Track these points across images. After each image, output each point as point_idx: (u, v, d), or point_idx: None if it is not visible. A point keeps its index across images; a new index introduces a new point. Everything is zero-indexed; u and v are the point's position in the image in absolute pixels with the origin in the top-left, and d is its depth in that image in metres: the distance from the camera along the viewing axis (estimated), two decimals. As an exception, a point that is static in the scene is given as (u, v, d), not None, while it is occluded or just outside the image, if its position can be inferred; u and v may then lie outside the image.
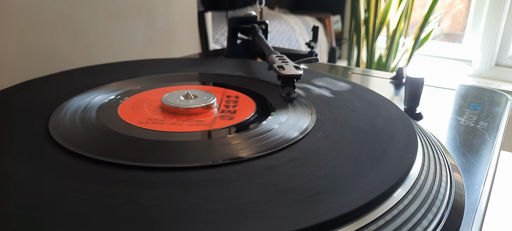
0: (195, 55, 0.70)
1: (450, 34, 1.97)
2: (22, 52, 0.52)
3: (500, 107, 0.46)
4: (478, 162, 0.33)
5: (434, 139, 0.35)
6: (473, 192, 0.28)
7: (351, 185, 0.23)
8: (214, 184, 0.23)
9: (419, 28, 1.53)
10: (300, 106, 0.35)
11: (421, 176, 0.26)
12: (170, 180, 0.23)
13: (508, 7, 1.68)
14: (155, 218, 0.20)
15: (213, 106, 0.35)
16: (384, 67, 1.65)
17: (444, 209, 0.25)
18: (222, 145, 0.28)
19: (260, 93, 0.39)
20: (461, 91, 0.51)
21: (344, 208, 0.21)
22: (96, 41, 0.61)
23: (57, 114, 0.32)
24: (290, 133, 0.30)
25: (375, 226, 0.21)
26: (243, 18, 0.59)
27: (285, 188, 0.23)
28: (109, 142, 0.28)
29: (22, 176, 0.24)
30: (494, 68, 1.79)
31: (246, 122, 0.32)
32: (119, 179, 0.23)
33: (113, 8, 0.63)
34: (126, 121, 0.32)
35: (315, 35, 0.59)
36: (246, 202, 0.21)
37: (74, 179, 0.23)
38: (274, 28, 1.58)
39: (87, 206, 0.21)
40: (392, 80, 0.55)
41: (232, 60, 0.54)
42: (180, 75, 0.45)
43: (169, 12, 0.73)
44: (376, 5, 1.58)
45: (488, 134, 0.38)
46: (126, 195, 0.22)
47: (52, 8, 0.54)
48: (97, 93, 0.38)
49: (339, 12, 2.05)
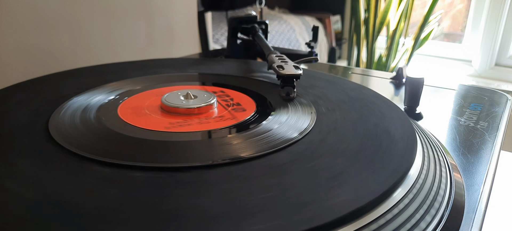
0: (195, 55, 0.70)
1: (450, 34, 1.97)
2: (22, 51, 0.52)
3: (500, 107, 0.46)
4: (478, 162, 0.33)
5: (434, 139, 0.35)
6: (473, 192, 0.28)
7: (351, 184, 0.23)
8: (214, 184, 0.23)
9: (419, 28, 1.53)
10: (300, 106, 0.35)
11: (421, 176, 0.26)
12: (170, 180, 0.23)
13: (508, 7, 1.68)
14: (154, 218, 0.20)
15: (213, 106, 0.35)
16: (384, 67, 1.65)
17: (444, 209, 0.25)
18: (222, 145, 0.28)
19: (260, 93, 0.39)
20: (461, 91, 0.51)
21: (344, 208, 0.21)
22: (96, 41, 0.61)
23: (57, 114, 0.32)
24: (290, 133, 0.30)
25: (375, 226, 0.21)
26: (243, 18, 0.59)
27: (285, 188, 0.23)
28: (109, 142, 0.28)
29: (22, 176, 0.24)
30: (494, 68, 1.79)
31: (246, 122, 0.32)
32: (118, 179, 0.23)
33: (113, 8, 0.63)
34: (126, 121, 0.32)
35: (315, 35, 0.59)
36: (246, 202, 0.21)
37: (74, 179, 0.23)
38: (274, 28, 1.58)
39: (87, 206, 0.21)
40: (392, 80, 0.55)
41: (232, 60, 0.54)
42: (180, 75, 0.45)
43: (169, 12, 0.73)
44: (376, 5, 1.58)
45: (488, 134, 0.38)
46: (126, 195, 0.22)
47: (52, 8, 0.54)
48: (97, 93, 0.38)
49: (339, 12, 2.05)
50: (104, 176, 0.24)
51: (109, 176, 0.24)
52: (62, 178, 0.23)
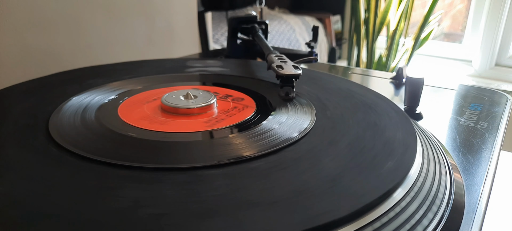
0: (195, 55, 0.70)
1: (450, 34, 1.97)
2: (22, 52, 0.52)
3: (500, 107, 0.46)
4: (478, 162, 0.33)
5: (434, 139, 0.35)
6: (473, 192, 0.28)
7: (351, 185, 0.23)
8: (212, 184, 0.23)
9: (419, 28, 1.53)
10: (300, 106, 0.35)
11: (421, 176, 0.26)
12: (171, 181, 0.23)
13: (508, 7, 1.68)
14: (151, 218, 0.20)
15: (213, 106, 0.35)
16: (384, 67, 1.64)
17: (444, 209, 0.25)
18: (222, 145, 0.28)
19: (260, 93, 0.39)
20: (461, 91, 0.51)
21: (344, 209, 0.21)
22: (96, 41, 0.61)
23: (57, 114, 0.32)
24: (290, 133, 0.30)
25: (375, 226, 0.21)
26: (243, 18, 0.59)
27: (285, 188, 0.23)
28: (109, 142, 0.28)
29: (22, 176, 0.24)
30: (494, 68, 1.78)
31: (247, 122, 0.32)
32: (118, 179, 0.23)
33: (113, 8, 0.63)
34: (126, 121, 0.32)
35: (315, 35, 0.59)
36: (247, 201, 0.21)
37: (74, 179, 0.23)
38: (274, 28, 1.58)
39: (84, 206, 0.21)
40: (392, 80, 0.55)
41: (232, 60, 0.54)
42: (180, 75, 0.45)
43: (169, 12, 0.73)
44: (376, 5, 1.58)
45: (488, 134, 0.38)
46: (126, 195, 0.22)
47: (52, 8, 0.54)
48: (97, 93, 0.38)
49: (339, 12, 2.05)
50: (103, 175, 0.24)
51: (107, 176, 0.24)
52: (60, 177, 0.23)
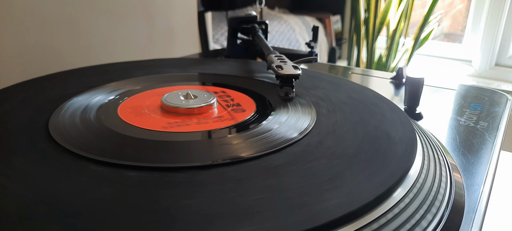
0: (195, 55, 0.70)
1: (450, 34, 1.97)
2: (22, 51, 0.52)
3: (500, 107, 0.46)
4: (478, 162, 0.33)
5: (434, 139, 0.35)
6: (473, 192, 0.28)
7: (350, 185, 0.23)
8: (210, 184, 0.23)
9: (419, 28, 1.53)
10: (300, 106, 0.35)
11: (421, 176, 0.26)
12: (170, 180, 0.23)
13: (508, 7, 1.68)
14: (148, 218, 0.20)
15: (213, 106, 0.35)
16: (384, 67, 1.64)
17: (444, 209, 0.25)
18: (222, 145, 0.28)
19: (260, 93, 0.39)
20: (461, 91, 0.51)
21: (344, 208, 0.21)
22: (96, 41, 0.61)
23: (57, 114, 0.32)
24: (290, 133, 0.30)
25: (375, 226, 0.21)
26: (243, 18, 0.59)
27: (285, 188, 0.23)
28: (109, 142, 0.28)
29: (22, 176, 0.24)
30: (494, 68, 1.78)
31: (246, 122, 0.32)
32: (115, 179, 0.23)
33: (113, 8, 0.63)
34: (126, 121, 0.32)
35: (315, 35, 0.59)
36: (246, 202, 0.21)
37: (74, 179, 0.23)
38: (274, 28, 1.58)
39: (82, 205, 0.21)
40: (392, 80, 0.55)
41: (232, 60, 0.54)
42: (180, 75, 0.45)
43: (169, 12, 0.73)
44: (376, 5, 1.58)
45: (488, 134, 0.38)
46: (122, 195, 0.22)
47: (53, 8, 0.54)
48: (97, 93, 0.38)
49: (339, 12, 2.05)
50: (101, 175, 0.24)
51: (106, 175, 0.24)
52: (59, 177, 0.23)
